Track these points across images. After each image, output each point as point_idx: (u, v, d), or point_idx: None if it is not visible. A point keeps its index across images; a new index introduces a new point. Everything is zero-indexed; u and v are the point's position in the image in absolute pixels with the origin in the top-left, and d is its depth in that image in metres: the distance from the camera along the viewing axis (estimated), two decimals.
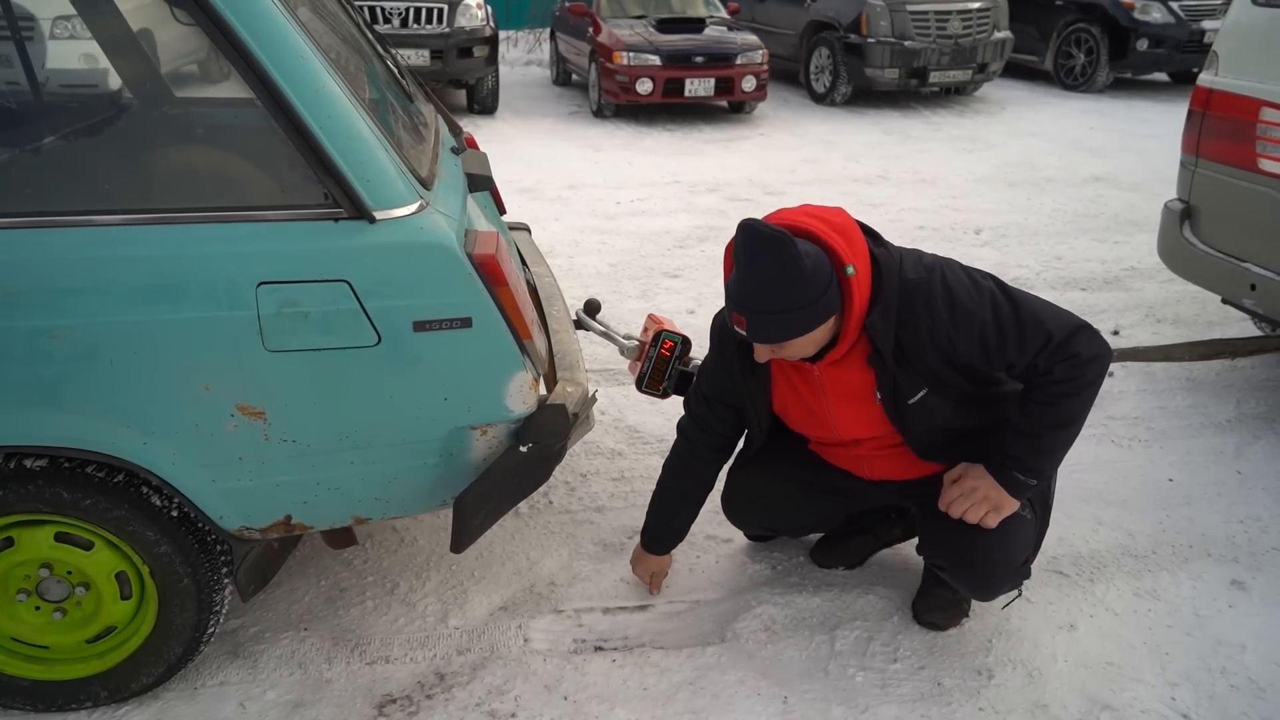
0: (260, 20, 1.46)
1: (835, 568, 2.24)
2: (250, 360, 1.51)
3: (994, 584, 1.88)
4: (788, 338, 1.65)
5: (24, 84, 2.00)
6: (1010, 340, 1.67)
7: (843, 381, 1.79)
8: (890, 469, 1.94)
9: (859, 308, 1.67)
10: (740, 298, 1.64)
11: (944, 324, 1.66)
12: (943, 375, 1.71)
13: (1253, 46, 2.89)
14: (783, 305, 1.60)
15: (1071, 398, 1.68)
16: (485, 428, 1.69)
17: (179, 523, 1.64)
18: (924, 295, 1.67)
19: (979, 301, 1.68)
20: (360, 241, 1.52)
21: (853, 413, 1.82)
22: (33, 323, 1.43)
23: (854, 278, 1.64)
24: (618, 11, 8.88)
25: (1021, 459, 1.71)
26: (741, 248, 1.62)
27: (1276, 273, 2.79)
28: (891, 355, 1.69)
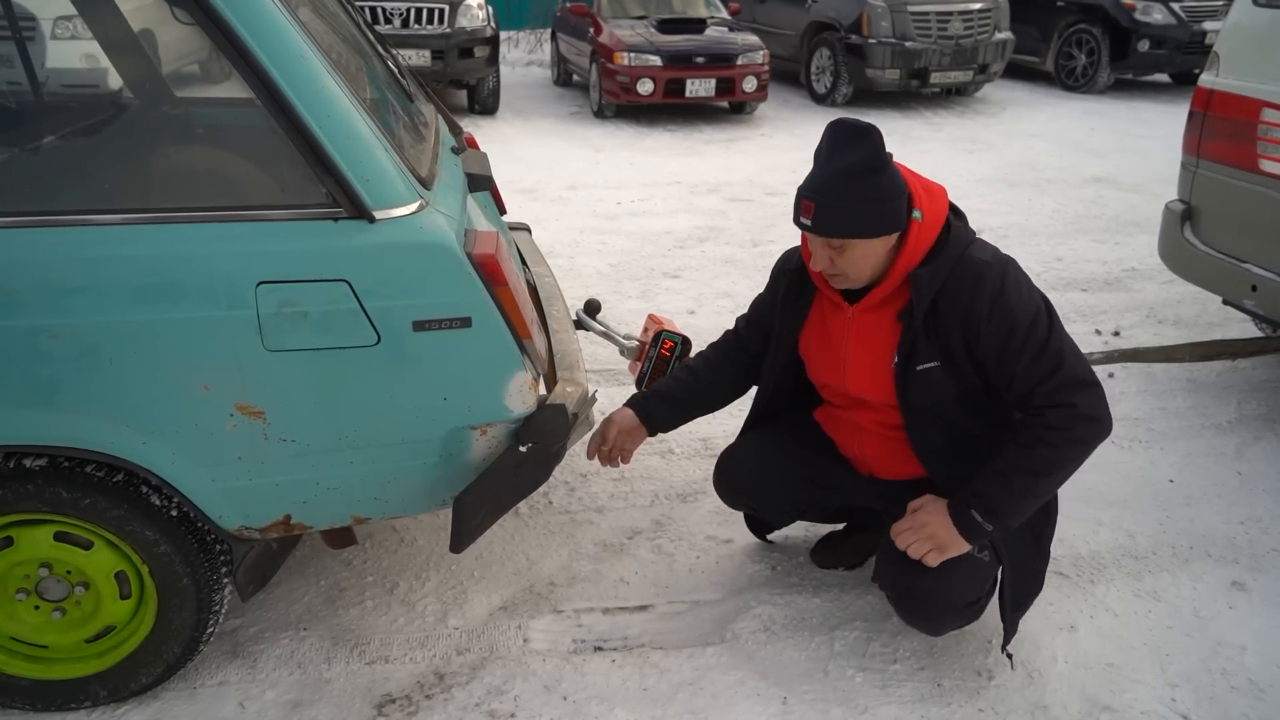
0: (261, 20, 1.46)
1: (836, 568, 2.24)
2: (250, 360, 1.51)
3: (930, 621, 1.85)
4: (851, 234, 1.65)
5: (25, 84, 2.00)
6: (1027, 353, 1.65)
7: (870, 331, 1.79)
8: (883, 459, 1.93)
9: (912, 254, 1.69)
10: (815, 183, 1.66)
11: (981, 310, 1.66)
12: (958, 357, 1.71)
13: (1253, 47, 2.88)
14: (855, 195, 1.62)
15: (1051, 448, 1.64)
16: (485, 427, 1.69)
17: (178, 522, 1.64)
18: (977, 276, 1.68)
19: (1022, 307, 1.67)
20: (360, 241, 1.52)
21: (867, 367, 1.81)
22: (32, 322, 1.43)
23: (918, 224, 1.68)
24: (619, 12, 8.88)
25: (984, 498, 1.67)
26: (826, 139, 1.66)
27: (1277, 274, 2.79)
28: (923, 316, 1.69)
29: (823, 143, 1.68)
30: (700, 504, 2.53)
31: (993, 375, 1.71)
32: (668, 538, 2.37)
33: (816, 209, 1.65)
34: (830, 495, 2.07)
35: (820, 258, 1.72)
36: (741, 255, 4.65)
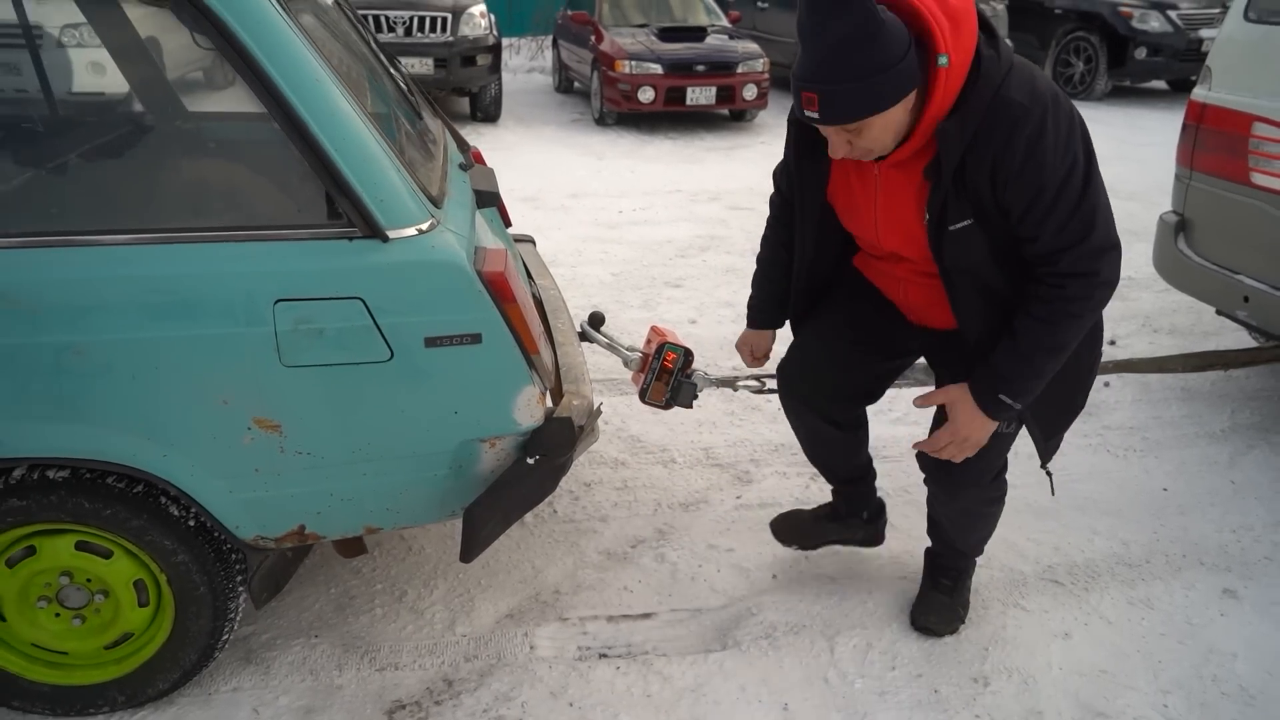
0: (278, 46, 1.51)
1: (791, 546, 2.29)
2: (267, 375, 1.55)
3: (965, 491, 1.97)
4: (863, 114, 1.48)
5: (44, 102, 2.05)
6: (1056, 215, 1.54)
7: (898, 188, 1.67)
8: (927, 305, 1.85)
9: (940, 105, 1.51)
10: (808, 70, 1.47)
11: (1013, 161, 1.52)
12: (988, 209, 1.58)
13: (1245, 62, 2.93)
14: (858, 71, 1.43)
15: (1075, 319, 1.61)
16: (494, 440, 1.73)
17: (196, 532, 1.69)
18: (1011, 122, 1.50)
19: (1058, 162, 1.52)
20: (374, 260, 1.56)
21: (898, 224, 1.72)
22: (57, 338, 1.48)
23: (945, 70, 1.47)
24: (620, 20, 8.95)
25: (1010, 380, 1.65)
26: (805, 8, 1.45)
27: (1269, 285, 2.84)
28: (951, 174, 1.55)
29: (802, 13, 1.45)
30: (702, 513, 2.58)
31: (1015, 226, 1.60)
32: (670, 546, 2.41)
33: (820, 98, 1.47)
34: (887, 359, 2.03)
35: (838, 145, 1.58)
36: (742, 264, 4.70)
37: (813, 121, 1.54)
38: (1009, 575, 2.32)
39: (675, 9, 9.23)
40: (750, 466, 2.82)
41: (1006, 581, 2.29)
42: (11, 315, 1.46)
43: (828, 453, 2.22)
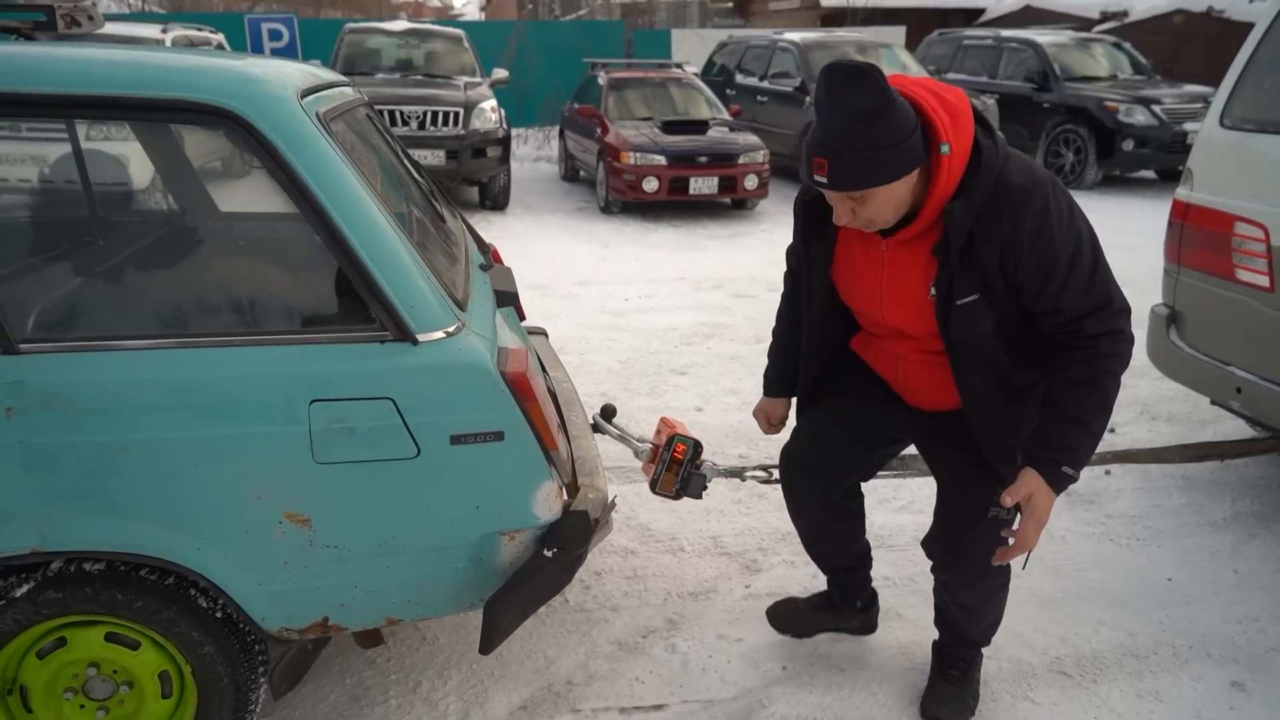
0: (321, 165, 1.63)
1: (787, 634, 2.33)
2: (300, 472, 1.63)
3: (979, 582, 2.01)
4: (868, 184, 1.58)
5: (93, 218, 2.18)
6: (1072, 287, 1.63)
7: (904, 264, 1.75)
8: (926, 384, 1.90)
9: (944, 189, 1.62)
10: (821, 137, 1.57)
11: (1022, 242, 1.61)
12: (995, 286, 1.66)
13: (1223, 165, 3.09)
14: (867, 143, 1.54)
15: (1113, 376, 1.66)
16: (513, 534, 1.79)
17: (223, 624, 1.74)
18: (1016, 205, 1.60)
19: (1065, 239, 1.62)
20: (404, 362, 1.65)
21: (904, 300, 1.78)
22: (104, 438, 1.56)
23: (947, 158, 1.59)
24: (625, 113, 9.28)
25: (1073, 450, 1.68)
26: (824, 86, 1.56)
27: (1260, 377, 2.92)
28: (959, 251, 1.63)
29: (820, 90, 1.57)
30: (712, 602, 2.61)
31: (1030, 303, 1.67)
32: (681, 636, 2.44)
33: (830, 165, 1.57)
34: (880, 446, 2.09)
35: (842, 212, 1.66)
36: (746, 352, 4.80)
37: (820, 186, 1.63)
38: (1017, 667, 2.34)
39: (678, 103, 9.58)
40: (758, 555, 2.86)
41: (1015, 673, 2.31)
42: (61, 416, 1.54)
43: (826, 541, 2.27)
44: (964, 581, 2.01)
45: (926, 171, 1.63)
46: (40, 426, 1.53)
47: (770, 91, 10.64)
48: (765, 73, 10.91)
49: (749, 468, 2.48)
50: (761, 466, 2.53)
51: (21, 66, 1.59)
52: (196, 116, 1.61)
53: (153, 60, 1.71)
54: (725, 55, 12.28)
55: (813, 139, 1.60)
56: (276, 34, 12.85)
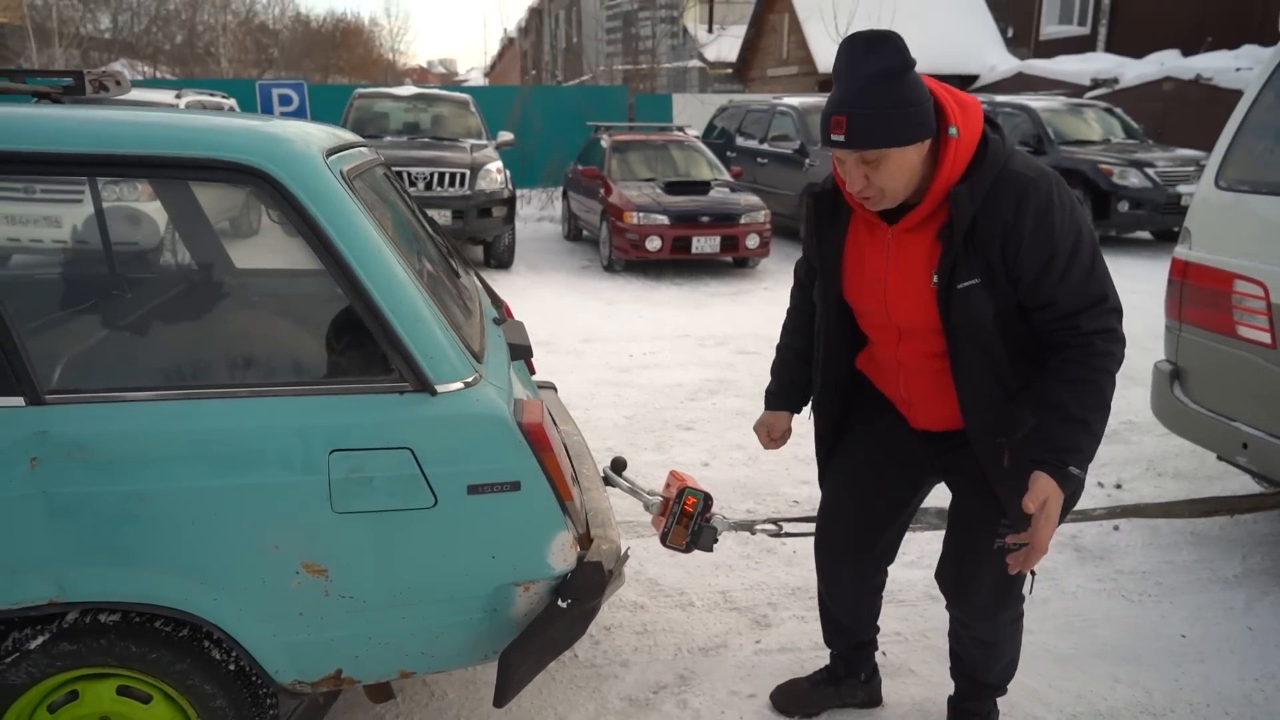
0: (345, 221, 1.68)
1: (793, 716, 2.30)
2: (318, 521, 1.64)
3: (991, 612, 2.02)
4: (883, 143, 1.61)
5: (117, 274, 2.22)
6: (1071, 278, 1.65)
7: (909, 252, 1.77)
8: (927, 397, 1.90)
9: (950, 172, 1.65)
10: (840, 97, 1.61)
11: (1024, 229, 1.64)
12: (996, 274, 1.68)
13: (1219, 224, 3.15)
14: (884, 102, 1.58)
15: (1108, 374, 1.67)
16: (528, 584, 1.79)
17: (235, 676, 1.73)
18: (1020, 192, 1.64)
19: (1066, 230, 1.65)
20: (423, 413, 1.68)
21: (907, 288, 1.79)
22: (126, 487, 1.57)
23: (954, 140, 1.64)
24: (627, 174, 9.46)
25: (1078, 450, 1.67)
26: (844, 52, 1.62)
27: (1266, 432, 2.94)
28: (963, 234, 1.66)
29: (840, 59, 1.63)
30: (723, 658, 2.58)
31: (1027, 295, 1.69)
32: (692, 692, 2.41)
33: (848, 123, 1.60)
34: (907, 495, 2.09)
35: (855, 178, 1.67)
36: (750, 407, 4.82)
37: (838, 146, 1.66)
38: None
39: (679, 164, 9.77)
40: (768, 610, 2.84)
41: None
42: (84, 466, 1.56)
43: (858, 613, 2.27)
44: (977, 614, 2.01)
45: (934, 155, 1.68)
46: (63, 476, 1.55)
47: (770, 153, 10.86)
48: (765, 135, 11.14)
49: (759, 521, 2.49)
50: (771, 520, 2.54)
51: (60, 128, 1.65)
52: (227, 175, 1.66)
53: (184, 121, 1.76)
54: (725, 119, 12.56)
55: (831, 101, 1.65)
56: (286, 99, 13.17)
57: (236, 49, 35.50)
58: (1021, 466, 1.74)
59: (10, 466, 1.53)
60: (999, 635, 2.06)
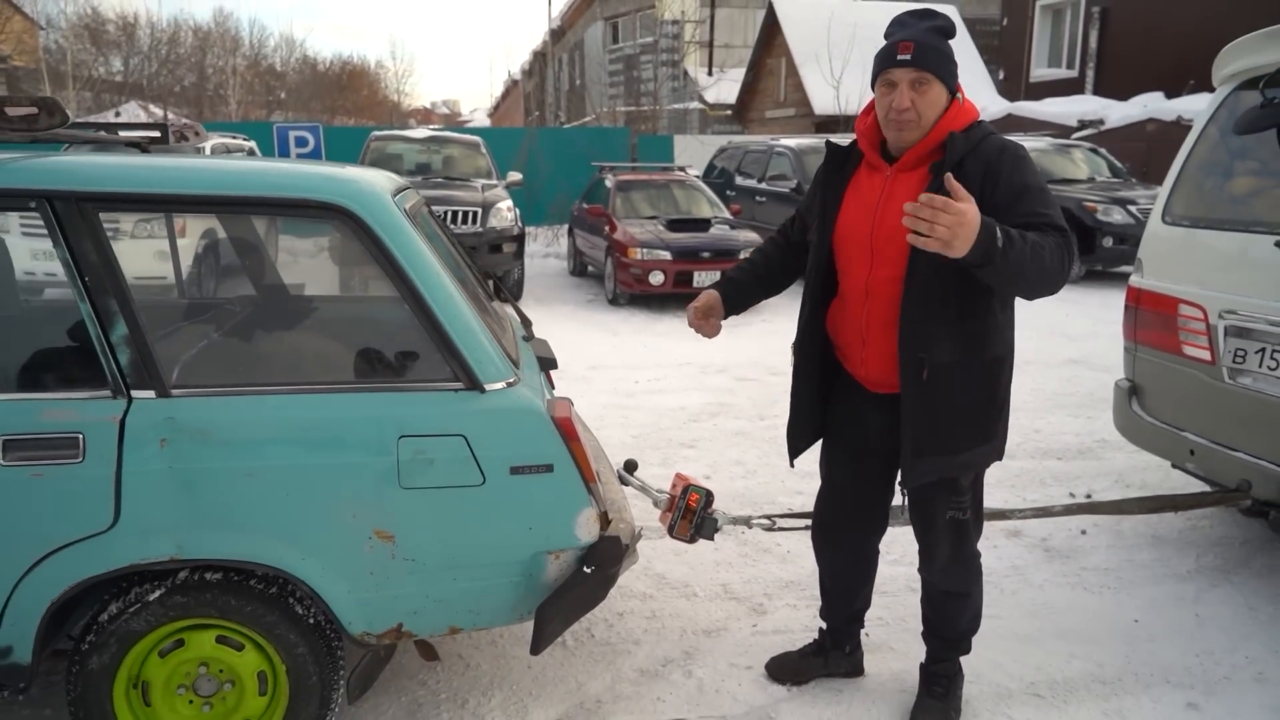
0: (411, 249, 2.05)
1: (785, 683, 2.62)
2: (389, 495, 1.99)
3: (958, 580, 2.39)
4: (937, 69, 2.08)
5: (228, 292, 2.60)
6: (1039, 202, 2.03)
7: (902, 183, 2.16)
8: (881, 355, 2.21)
9: (953, 123, 2.12)
10: (909, 34, 2.10)
11: (1004, 167, 2.06)
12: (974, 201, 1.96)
13: (1167, 255, 3.52)
14: (941, 45, 2.11)
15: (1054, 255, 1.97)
16: (558, 553, 2.14)
17: (314, 628, 2.06)
18: (1002, 145, 2.11)
19: (1036, 183, 2.07)
20: (474, 407, 2.04)
21: (893, 213, 2.07)
22: (237, 465, 1.92)
23: (959, 105, 2.15)
24: (631, 212, 9.88)
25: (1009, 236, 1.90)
26: (902, 16, 2.16)
27: (1209, 440, 3.28)
28: (951, 166, 2.04)
29: (899, 19, 2.16)
30: (723, 638, 2.91)
31: (1006, 215, 1.99)
32: (696, 665, 2.74)
33: (916, 48, 2.08)
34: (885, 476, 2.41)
35: (904, 96, 2.09)
36: (750, 428, 5.17)
37: (903, 64, 2.10)
38: (996, 690, 2.63)
39: (680, 202, 10.20)
40: (764, 600, 3.16)
41: (994, 695, 2.60)
42: (203, 446, 1.91)
43: (847, 585, 2.62)
44: (942, 571, 2.37)
45: (943, 113, 2.14)
46: (186, 454, 1.90)
47: (768, 192, 11.30)
48: (763, 175, 11.60)
49: (755, 516, 2.83)
50: (766, 516, 2.88)
51: (182, 175, 2.03)
52: (317, 212, 2.04)
53: (278, 168, 2.15)
54: (725, 159, 13.05)
55: (901, 34, 2.12)
56: (303, 140, 13.68)
57: (245, 91, 36.37)
58: (933, 385, 2.12)
59: (144, 446, 1.88)
60: (965, 584, 2.40)
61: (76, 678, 1.98)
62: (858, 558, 2.58)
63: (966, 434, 2.22)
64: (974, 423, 2.22)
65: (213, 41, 37.22)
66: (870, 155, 2.24)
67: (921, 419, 2.16)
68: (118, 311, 1.90)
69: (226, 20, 45.96)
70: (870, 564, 2.61)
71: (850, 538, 2.54)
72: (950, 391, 2.16)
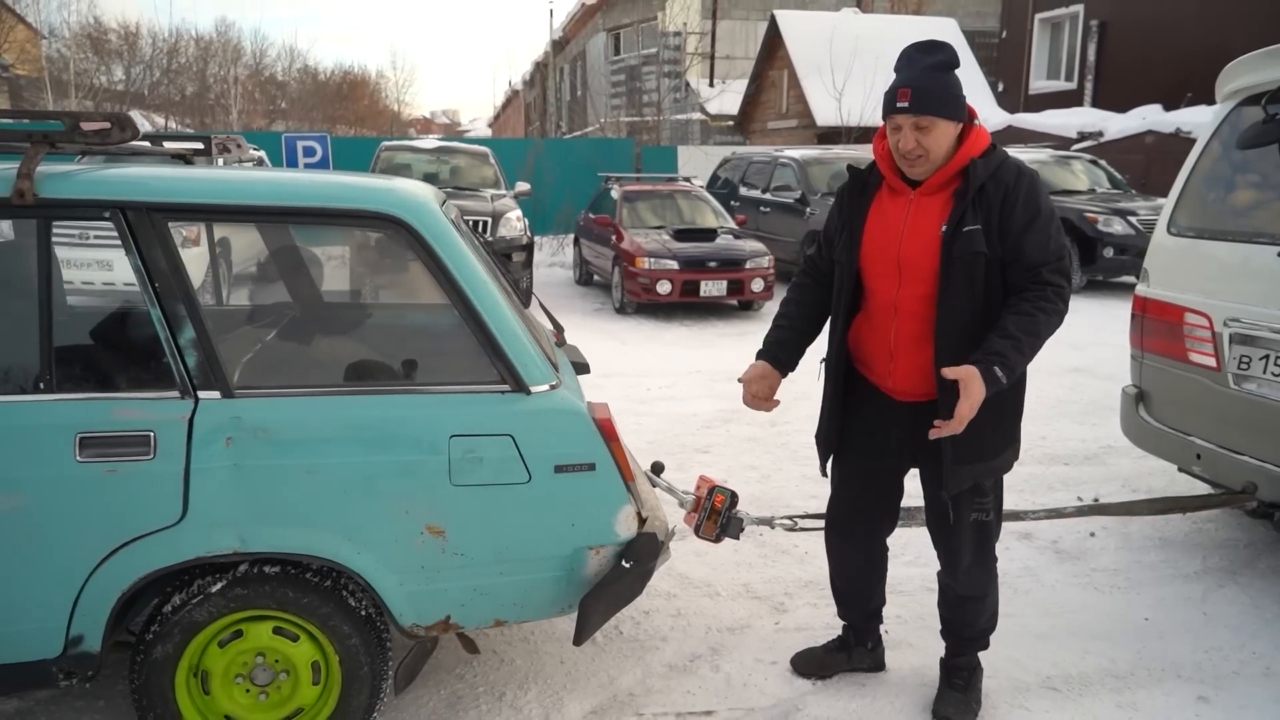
0: (460, 258, 2.15)
1: (810, 678, 2.71)
2: (440, 491, 2.08)
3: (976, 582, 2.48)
4: (935, 111, 2.16)
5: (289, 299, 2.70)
6: (1042, 236, 2.17)
7: (926, 207, 2.26)
8: (913, 367, 2.30)
9: (972, 149, 2.22)
10: (907, 77, 2.18)
11: (1020, 192, 2.18)
12: (992, 225, 2.18)
13: (1172, 265, 3.63)
14: (940, 84, 2.18)
15: (1049, 315, 2.15)
16: (599, 548, 2.23)
17: (366, 620, 2.15)
18: (1018, 172, 2.22)
19: (1045, 203, 2.21)
20: (520, 408, 2.14)
21: (919, 236, 2.24)
22: (297, 461, 2.02)
23: (975, 130, 2.25)
24: (637, 222, 10.00)
25: (1004, 355, 2.10)
26: (910, 49, 2.23)
27: (1215, 444, 3.38)
28: (974, 192, 2.18)
29: (903, 57, 2.23)
30: (747, 635, 3.00)
31: (1009, 248, 2.17)
32: (723, 660, 2.83)
33: (914, 94, 2.16)
34: (899, 478, 2.53)
35: (908, 138, 2.19)
36: (762, 434, 5.26)
37: (899, 112, 2.19)
38: (1014, 683, 2.72)
39: (686, 213, 10.33)
40: (785, 598, 3.26)
41: (1011, 688, 2.69)
42: (266, 444, 2.01)
43: (858, 587, 2.71)
44: (964, 575, 2.45)
45: (961, 139, 2.24)
46: (249, 452, 2.00)
47: (773, 203, 11.43)
48: (768, 185, 11.73)
49: (778, 517, 2.93)
50: (788, 516, 2.98)
51: (246, 187, 2.14)
52: (372, 222, 2.14)
53: (332, 180, 2.25)
54: (729, 170, 13.18)
55: (899, 79, 2.21)
56: (310, 150, 13.77)
57: (246, 100, 36.58)
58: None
59: (211, 444, 1.98)
60: (984, 588, 2.49)
61: (141, 666, 2.07)
62: (868, 557, 2.68)
63: (997, 440, 2.34)
64: (1003, 429, 2.35)
65: (214, 51, 37.44)
66: (891, 179, 2.33)
67: (960, 430, 2.24)
68: (185, 316, 2.00)
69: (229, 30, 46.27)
70: (880, 562, 2.71)
71: (862, 537, 2.63)
72: (984, 402, 2.25)
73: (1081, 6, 18.17)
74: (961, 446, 2.27)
